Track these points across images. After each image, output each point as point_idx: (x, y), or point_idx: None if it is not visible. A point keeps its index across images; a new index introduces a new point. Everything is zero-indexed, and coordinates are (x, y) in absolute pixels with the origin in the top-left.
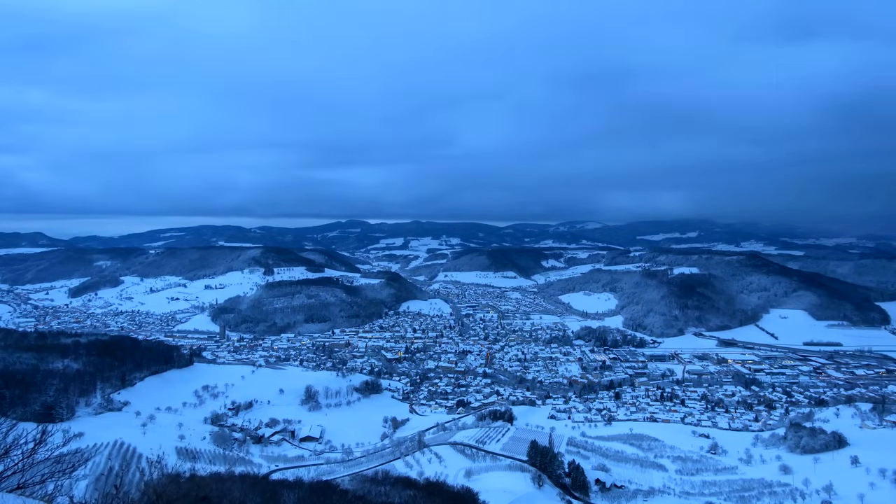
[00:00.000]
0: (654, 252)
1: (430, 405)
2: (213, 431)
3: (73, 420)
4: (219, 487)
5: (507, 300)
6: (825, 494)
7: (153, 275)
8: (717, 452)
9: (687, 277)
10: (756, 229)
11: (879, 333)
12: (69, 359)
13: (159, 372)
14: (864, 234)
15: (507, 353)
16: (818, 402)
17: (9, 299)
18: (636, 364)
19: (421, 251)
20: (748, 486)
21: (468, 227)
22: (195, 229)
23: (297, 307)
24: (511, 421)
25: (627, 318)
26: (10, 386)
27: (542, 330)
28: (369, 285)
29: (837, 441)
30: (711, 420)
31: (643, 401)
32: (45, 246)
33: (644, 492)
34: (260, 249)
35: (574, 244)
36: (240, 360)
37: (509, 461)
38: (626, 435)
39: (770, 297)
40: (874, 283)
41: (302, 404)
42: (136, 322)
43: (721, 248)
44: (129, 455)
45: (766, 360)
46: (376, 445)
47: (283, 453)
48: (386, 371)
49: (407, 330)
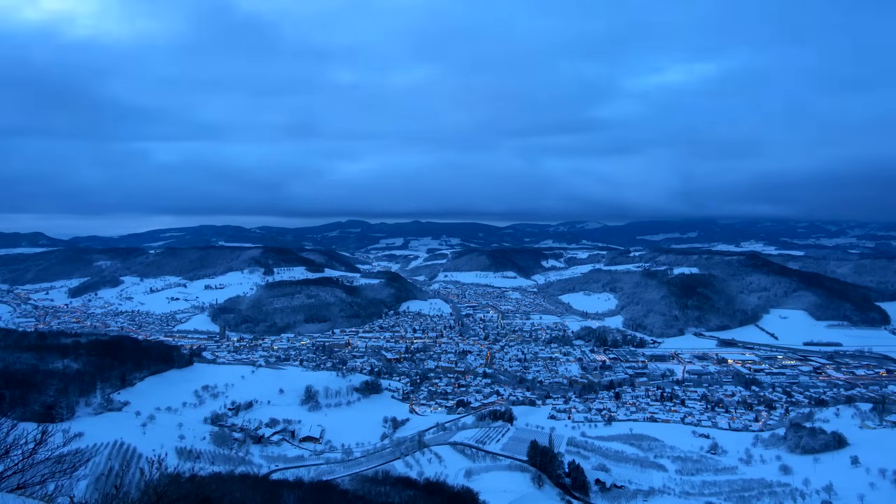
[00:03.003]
0: (654, 252)
1: (430, 405)
2: (213, 431)
3: (73, 420)
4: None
5: (507, 300)
6: (825, 494)
7: (153, 275)
8: (717, 452)
9: (687, 277)
10: (756, 229)
11: (879, 333)
12: (69, 359)
13: (159, 372)
14: (864, 234)
15: (507, 353)
16: (818, 402)
17: (9, 299)
18: (636, 364)
19: (421, 251)
20: (748, 487)
21: (468, 227)
22: (195, 229)
23: (297, 307)
24: (511, 421)
25: (627, 318)
26: (10, 386)
27: (542, 330)
28: (369, 285)
29: (837, 441)
30: (711, 420)
31: (643, 401)
32: (45, 246)
33: (644, 492)
34: (260, 249)
35: (574, 244)
36: (240, 360)
37: (509, 461)
38: (626, 435)
39: (770, 297)
40: (874, 283)
41: (302, 404)
42: (136, 322)
43: (721, 248)
44: (129, 455)
45: (766, 360)
46: (376, 445)
47: (283, 453)
48: (386, 371)
49: (407, 330)
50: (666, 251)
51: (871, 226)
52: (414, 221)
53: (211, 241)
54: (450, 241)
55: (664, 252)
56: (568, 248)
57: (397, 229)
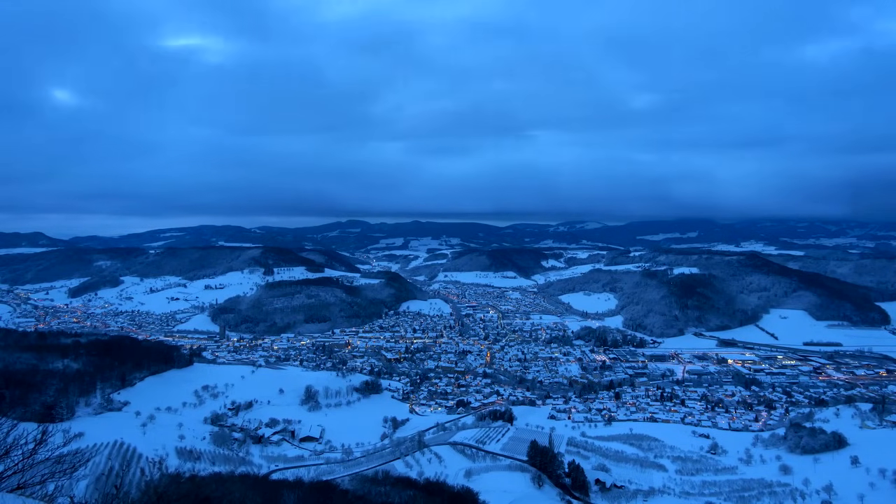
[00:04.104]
0: (654, 252)
1: (430, 405)
2: (213, 431)
3: (73, 420)
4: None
5: (507, 300)
6: (825, 495)
7: (153, 275)
8: (717, 452)
9: (687, 277)
10: (756, 229)
11: (879, 333)
12: (69, 359)
13: (159, 372)
14: (864, 234)
15: (507, 353)
16: (818, 402)
17: (9, 299)
18: (636, 364)
19: (421, 251)
20: (748, 487)
21: (468, 227)
22: (195, 229)
23: (297, 307)
24: (511, 421)
25: (627, 318)
26: (10, 386)
27: (542, 330)
28: (369, 285)
29: (837, 441)
30: (711, 420)
31: (643, 401)
32: (45, 246)
33: (644, 492)
34: (260, 249)
35: (574, 244)
36: (240, 360)
37: (509, 461)
38: (626, 435)
39: (770, 297)
40: (874, 283)
41: (302, 404)
42: (136, 322)
43: (721, 248)
44: (129, 455)
45: (766, 360)
46: (376, 445)
47: (283, 453)
48: (386, 371)
49: (407, 330)
50: (666, 251)
51: (871, 226)
52: (414, 221)
53: (211, 241)
54: (450, 241)
55: (664, 252)
56: (568, 248)
57: (397, 229)
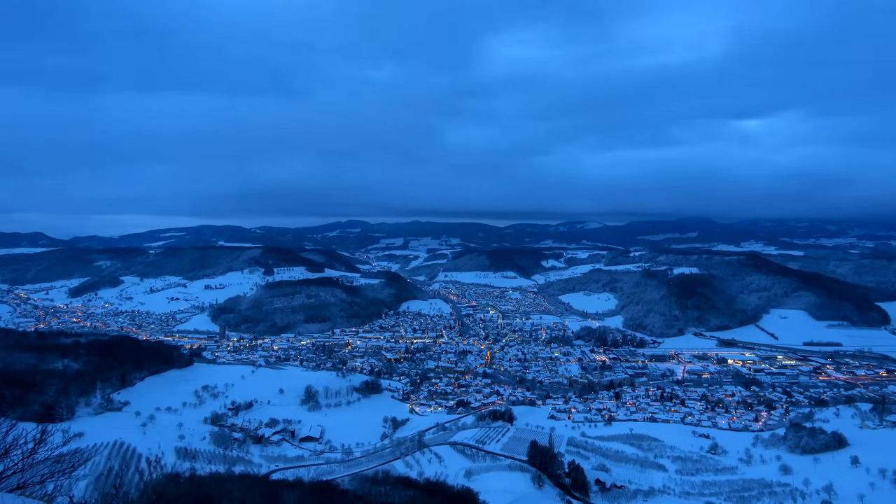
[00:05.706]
0: (654, 252)
1: (430, 405)
2: (213, 431)
3: (72, 420)
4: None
5: (507, 300)
6: (825, 494)
7: (153, 275)
8: (717, 452)
9: (687, 277)
10: (756, 229)
11: (879, 333)
12: (69, 359)
13: (159, 372)
14: (864, 234)
15: (507, 353)
16: (818, 402)
17: (9, 299)
18: (636, 364)
19: (421, 251)
20: (748, 487)
21: (468, 227)
22: (195, 229)
23: (297, 307)
24: (511, 421)
25: (627, 318)
26: (10, 386)
27: (542, 330)
28: (369, 285)
29: (837, 441)
30: (711, 420)
31: (643, 401)
32: (45, 246)
33: (644, 492)
34: (260, 249)
35: (574, 244)
36: (240, 360)
37: (509, 461)
38: (626, 435)
39: (770, 297)
40: (874, 283)
41: (302, 404)
42: (136, 322)
43: (721, 248)
44: (129, 455)
45: (766, 360)
46: (376, 445)
47: (283, 453)
48: (386, 371)
49: (407, 330)
50: (666, 251)
51: (871, 226)
52: (414, 221)
53: (211, 241)
54: (450, 241)
55: (664, 252)
56: (568, 248)
57: (397, 229)
